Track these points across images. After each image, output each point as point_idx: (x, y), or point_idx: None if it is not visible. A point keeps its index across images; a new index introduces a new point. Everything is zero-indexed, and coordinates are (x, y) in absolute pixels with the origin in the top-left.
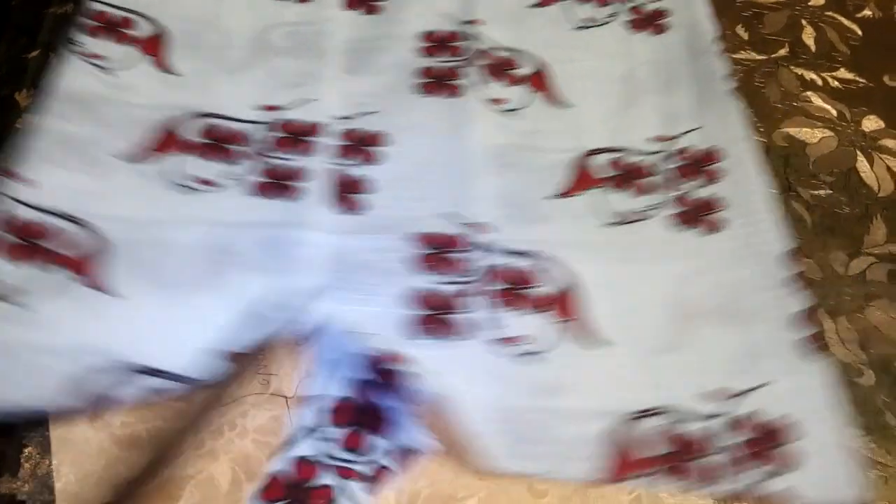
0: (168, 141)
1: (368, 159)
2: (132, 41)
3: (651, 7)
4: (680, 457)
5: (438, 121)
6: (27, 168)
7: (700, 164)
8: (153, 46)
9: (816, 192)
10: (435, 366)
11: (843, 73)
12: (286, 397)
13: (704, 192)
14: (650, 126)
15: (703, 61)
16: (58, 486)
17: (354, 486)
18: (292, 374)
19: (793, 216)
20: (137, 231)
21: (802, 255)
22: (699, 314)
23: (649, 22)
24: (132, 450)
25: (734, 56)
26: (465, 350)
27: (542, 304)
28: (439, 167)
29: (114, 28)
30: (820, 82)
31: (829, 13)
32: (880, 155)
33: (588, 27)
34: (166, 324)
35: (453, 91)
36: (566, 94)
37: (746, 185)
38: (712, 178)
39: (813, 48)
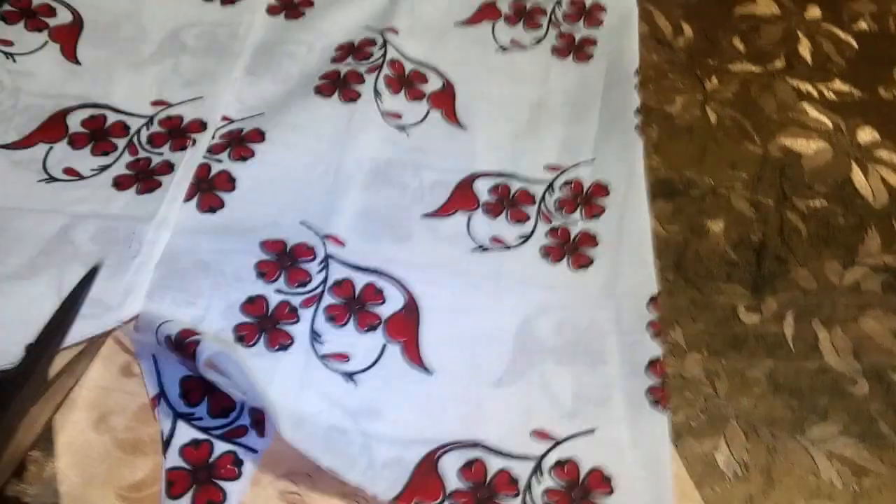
0: (50, 130)
1: (239, 156)
2: (45, 28)
3: (581, 34)
4: (477, 495)
5: (325, 124)
6: None
7: (583, 198)
8: (64, 35)
9: (812, 203)
10: (253, 373)
11: (838, 84)
12: (150, 398)
13: (580, 227)
14: (547, 155)
15: (616, 93)
16: (62, 489)
17: (246, 441)
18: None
19: (788, 226)
20: None
21: (796, 265)
22: (542, 351)
23: (575, 49)
24: (134, 453)
25: (731, 68)
26: (284, 361)
27: (372, 323)
28: (311, 173)
29: (32, 14)
30: (816, 94)
31: (825, 25)
32: (875, 166)
33: (511, 50)
34: None
35: (350, 96)
36: (467, 116)
37: (624, 225)
38: (592, 214)
39: (809, 60)
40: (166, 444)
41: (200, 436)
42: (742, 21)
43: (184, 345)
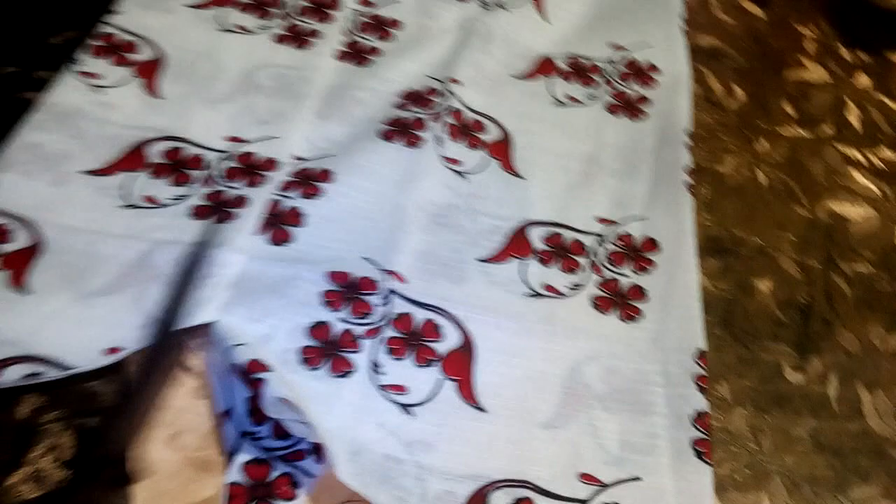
0: (133, 159)
1: (308, 194)
2: (129, 63)
3: (634, 93)
4: None
5: (389, 168)
6: None
7: (634, 253)
8: (148, 70)
9: (857, 268)
10: (311, 398)
11: (886, 152)
12: (218, 414)
13: (631, 281)
14: (598, 208)
15: (668, 151)
16: (135, 502)
17: (305, 465)
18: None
19: (834, 289)
20: (74, 238)
21: (841, 328)
22: (590, 397)
23: (629, 107)
24: (204, 472)
25: (780, 132)
26: (344, 388)
27: (429, 358)
28: (374, 214)
29: (116, 50)
30: (863, 160)
31: (874, 94)
32: None
33: (567, 105)
34: (65, 321)
35: (413, 141)
36: (523, 166)
37: (673, 281)
38: (642, 269)
39: (858, 127)
40: (229, 459)
41: (262, 455)
42: (792, 86)
43: (251, 379)
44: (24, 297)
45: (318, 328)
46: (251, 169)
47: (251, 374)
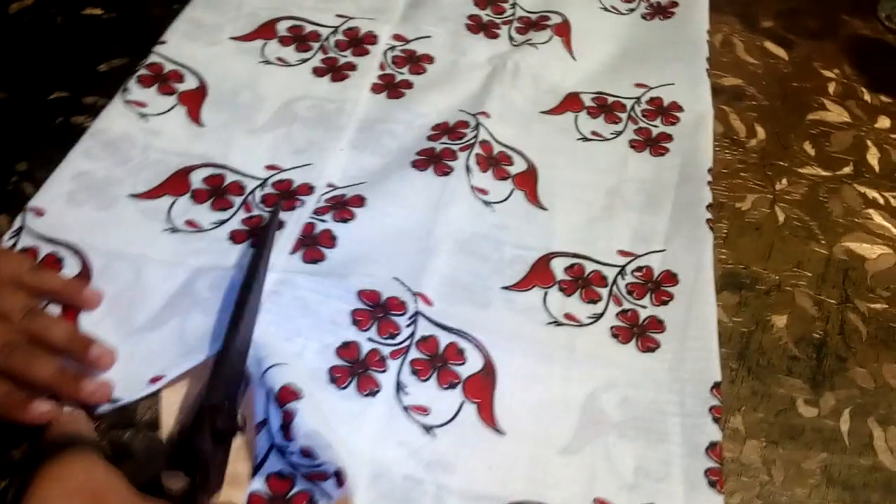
0: (176, 185)
1: (341, 218)
2: (175, 92)
3: (658, 130)
4: None
5: (419, 195)
6: (39, 199)
7: (654, 286)
8: (191, 99)
9: (873, 306)
10: (338, 417)
11: None
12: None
13: (649, 312)
14: (620, 241)
15: (689, 188)
16: None
17: (325, 486)
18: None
19: (848, 326)
20: (119, 265)
21: (855, 364)
22: (607, 424)
23: (652, 144)
24: (231, 485)
25: (800, 171)
26: (370, 407)
27: (452, 381)
28: (404, 238)
29: (163, 79)
30: (881, 201)
31: (894, 136)
32: None
33: (591, 140)
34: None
35: (444, 170)
36: (547, 198)
37: (691, 314)
38: (661, 301)
39: (877, 168)
40: (257, 468)
41: (287, 469)
42: (813, 126)
43: (283, 409)
44: None
45: (347, 347)
46: (287, 194)
47: (284, 402)
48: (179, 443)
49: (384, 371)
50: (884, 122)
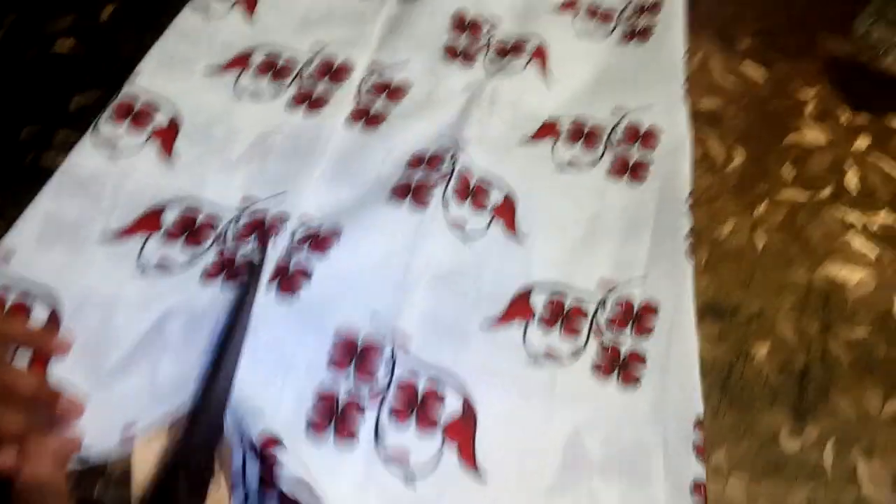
0: (148, 223)
1: (316, 250)
2: (147, 126)
3: (636, 157)
4: None
5: (396, 228)
6: (8, 241)
7: (634, 318)
8: (164, 134)
9: (854, 333)
10: (317, 467)
11: (883, 216)
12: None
13: (630, 346)
14: (599, 271)
15: (668, 215)
16: None
17: None
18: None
19: (830, 355)
20: (90, 309)
21: (838, 394)
22: (589, 465)
23: (630, 171)
24: None
25: (779, 195)
26: (349, 457)
27: (432, 425)
28: (380, 274)
29: (135, 114)
30: (861, 224)
31: (872, 157)
32: None
33: (570, 168)
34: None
35: (420, 202)
36: (525, 229)
37: (672, 347)
38: (642, 334)
39: (855, 191)
40: None
41: None
42: (792, 149)
43: (265, 455)
44: None
45: (325, 392)
46: (262, 230)
47: (266, 449)
48: (154, 490)
49: (362, 416)
50: (862, 143)
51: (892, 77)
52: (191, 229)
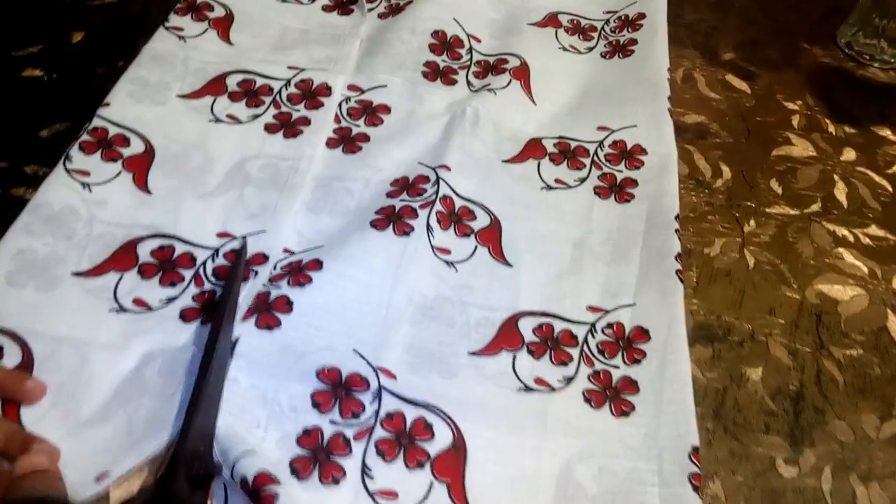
0: (122, 259)
1: (297, 282)
2: (119, 158)
3: (622, 175)
4: None
5: (379, 257)
6: None
7: (625, 343)
8: (137, 164)
9: (848, 352)
10: None
11: (874, 229)
12: None
13: (622, 372)
14: (588, 295)
15: (657, 236)
16: None
17: None
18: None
19: (825, 376)
20: (63, 350)
21: (834, 417)
22: (583, 498)
23: (617, 190)
24: None
25: (768, 211)
26: (334, 498)
27: (420, 460)
28: (364, 305)
29: (107, 144)
30: (851, 238)
31: (860, 168)
32: None
33: (555, 189)
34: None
35: (404, 230)
36: (512, 254)
37: (665, 373)
38: (634, 360)
39: (845, 204)
40: None
41: None
42: (779, 162)
43: (260, 496)
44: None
45: (308, 434)
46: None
47: (260, 487)
48: (155, 489)
49: (348, 455)
50: (849, 155)
51: (877, 85)
52: (167, 266)
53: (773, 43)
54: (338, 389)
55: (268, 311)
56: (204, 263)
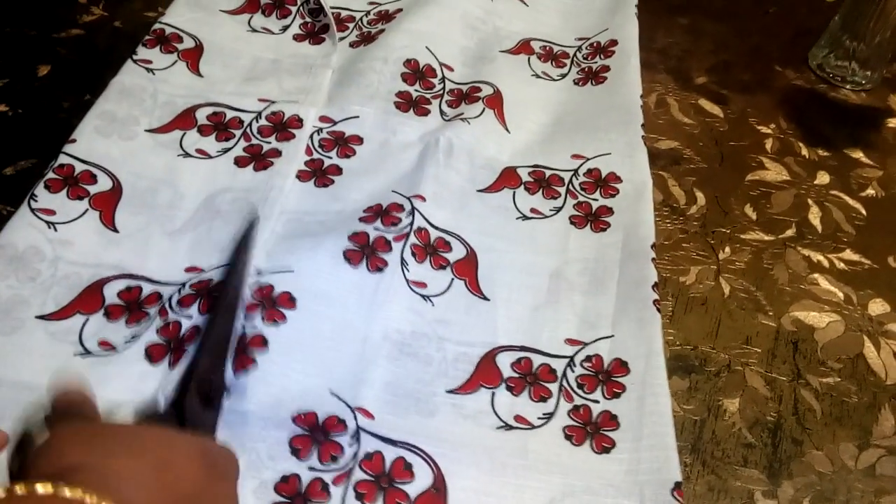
0: (87, 301)
1: (271, 320)
2: (86, 195)
3: (597, 204)
4: None
5: (353, 294)
6: None
7: (604, 377)
8: (104, 202)
9: (825, 380)
10: None
11: (848, 254)
12: None
13: (602, 407)
14: (565, 328)
15: (633, 266)
16: None
17: None
18: None
19: (802, 405)
20: (26, 397)
21: (812, 447)
22: None
23: (592, 219)
24: None
25: (743, 237)
26: None
27: (401, 502)
28: (339, 343)
29: (73, 182)
30: (826, 264)
31: (834, 192)
32: (887, 340)
33: (531, 219)
34: None
35: (378, 265)
36: (488, 286)
37: (645, 406)
38: (613, 394)
39: (819, 228)
40: None
41: None
42: (753, 187)
43: None
44: None
45: (286, 482)
46: (206, 293)
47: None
48: (167, 406)
49: (327, 501)
50: (823, 178)
51: (849, 107)
52: (133, 307)
53: (745, 65)
54: (316, 433)
55: (243, 353)
56: (170, 298)
